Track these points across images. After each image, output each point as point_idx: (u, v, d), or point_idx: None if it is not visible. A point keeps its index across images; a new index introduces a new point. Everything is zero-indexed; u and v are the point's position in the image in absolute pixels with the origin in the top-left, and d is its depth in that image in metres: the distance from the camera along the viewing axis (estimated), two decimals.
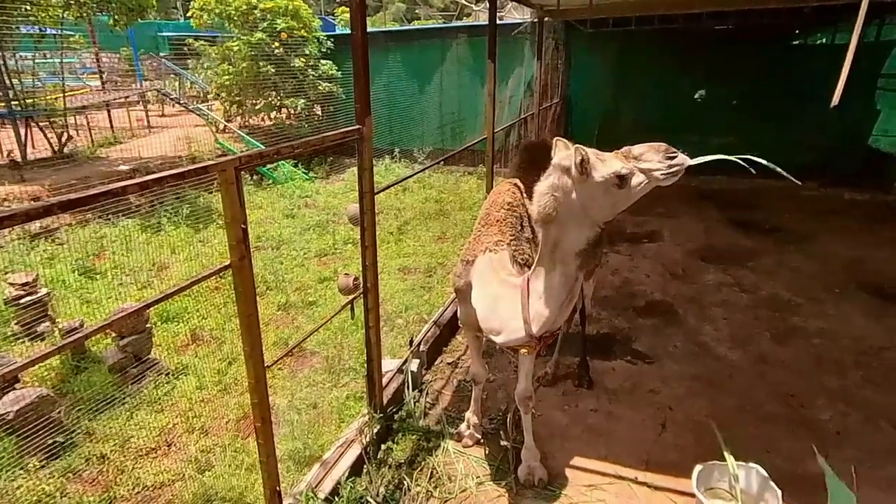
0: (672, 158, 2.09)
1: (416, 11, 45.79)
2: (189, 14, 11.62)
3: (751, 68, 9.62)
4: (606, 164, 2.11)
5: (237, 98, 11.56)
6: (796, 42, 11.29)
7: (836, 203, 8.50)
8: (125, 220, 7.06)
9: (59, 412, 3.48)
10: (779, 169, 1.95)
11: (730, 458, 2.58)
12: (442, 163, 10.65)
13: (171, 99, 13.57)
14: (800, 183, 1.93)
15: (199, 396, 3.86)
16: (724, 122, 9.99)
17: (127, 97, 13.03)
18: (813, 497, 3.00)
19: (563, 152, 2.21)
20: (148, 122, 13.50)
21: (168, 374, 4.09)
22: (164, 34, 17.25)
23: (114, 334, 4.09)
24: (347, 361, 4.30)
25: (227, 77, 10.98)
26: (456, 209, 8.37)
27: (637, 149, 2.15)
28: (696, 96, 10.45)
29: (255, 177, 10.02)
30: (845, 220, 7.59)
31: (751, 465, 2.76)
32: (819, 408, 3.72)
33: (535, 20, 8.14)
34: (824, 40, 11.34)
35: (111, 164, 9.61)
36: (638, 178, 2.12)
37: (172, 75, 16.20)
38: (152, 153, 10.06)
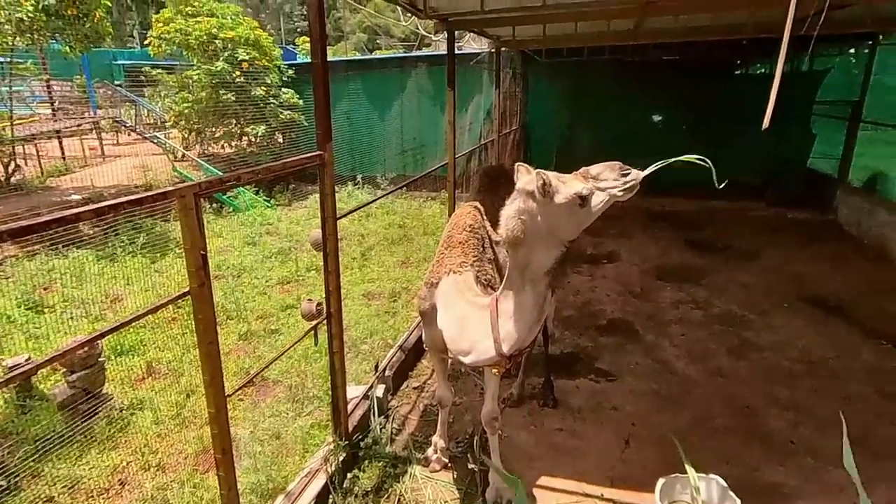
0: (626, 175, 2.17)
1: (378, 41, 46.43)
2: (147, 42, 11.47)
3: (698, 96, 10.10)
4: (568, 186, 2.18)
5: (196, 126, 11.41)
6: (738, 72, 11.96)
7: (780, 222, 8.91)
8: (77, 251, 6.79)
9: (2, 454, 3.28)
10: (713, 170, 2.05)
11: (691, 471, 2.63)
12: (405, 188, 10.72)
13: (127, 127, 13.28)
14: (719, 187, 2.03)
15: (156, 431, 3.71)
16: (675, 146, 10.37)
17: (79, 125, 12.67)
18: None
19: (526, 177, 2.27)
20: (102, 150, 13.14)
21: (122, 409, 3.91)
22: (120, 62, 16.94)
23: (63, 369, 3.90)
24: (311, 389, 4.21)
25: (186, 105, 10.83)
26: (420, 234, 8.40)
27: (594, 169, 2.23)
28: (652, 122, 10.91)
29: (214, 205, 9.84)
30: (789, 238, 7.95)
31: (711, 476, 2.81)
32: (773, 418, 3.84)
33: (493, 50, 8.37)
34: (763, 70, 12.05)
35: (62, 193, 9.28)
36: (598, 197, 2.19)
37: (128, 103, 15.88)
38: (106, 182, 9.76)
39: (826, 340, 4.93)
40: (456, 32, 5.39)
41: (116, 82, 15.77)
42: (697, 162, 2.09)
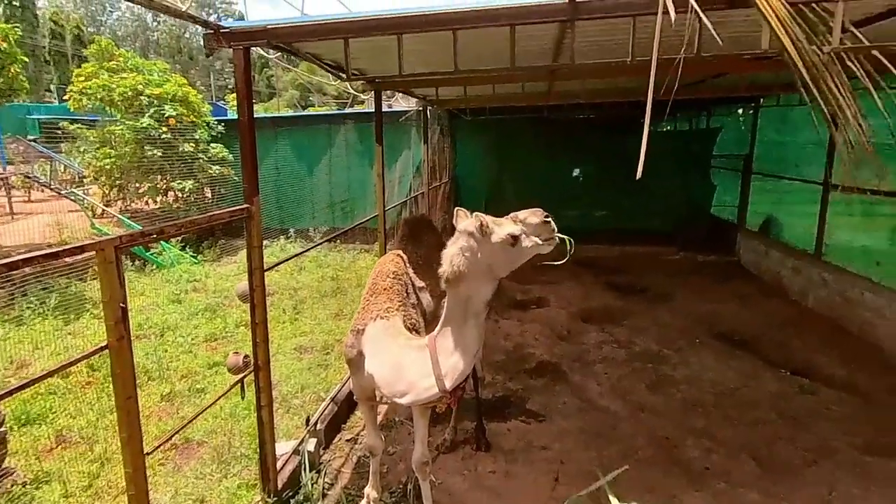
0: (547, 221, 2.48)
1: (311, 98, 46.92)
2: (67, 97, 11.10)
3: (612, 150, 10.81)
4: (502, 227, 2.44)
5: (118, 182, 10.99)
6: (652, 127, 13.01)
7: (691, 265, 9.58)
8: None
9: None
10: (571, 248, 2.48)
11: (612, 498, 2.75)
12: (337, 241, 10.72)
13: (41, 184, 12.60)
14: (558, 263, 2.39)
15: None
16: (594, 197, 11.13)
17: None
18: None
19: (465, 220, 2.51)
20: (11, 208, 12.36)
21: (25, 484, 3.59)
22: (35, 117, 16.22)
23: None
24: (239, 448, 4.04)
25: (107, 161, 10.45)
26: (353, 286, 8.37)
27: (521, 214, 2.53)
28: (574, 175, 11.59)
29: (137, 262, 9.41)
30: (699, 279, 8.55)
31: None
32: (689, 447, 4.05)
33: (421, 108, 8.74)
34: (668, 127, 13.20)
35: None
36: (527, 241, 2.46)
37: (43, 159, 15.12)
38: (16, 241, 9.17)
39: (734, 372, 5.29)
40: (383, 93, 5.64)
41: (30, 137, 15.05)
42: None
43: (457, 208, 2.66)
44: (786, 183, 8.47)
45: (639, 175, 1.85)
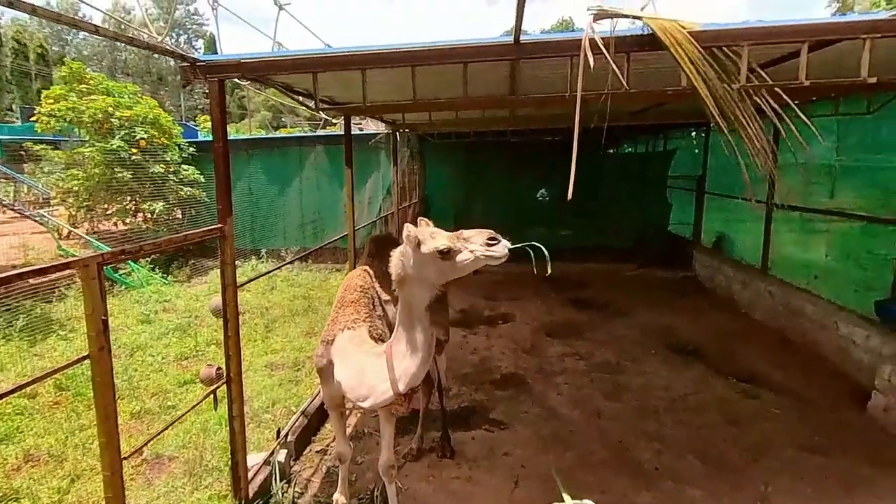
0: (493, 243, 2.56)
1: (283, 119, 46.97)
2: (34, 118, 11.03)
3: (581, 172, 11.23)
4: (433, 241, 2.57)
5: (86, 203, 10.91)
6: (611, 150, 13.55)
7: (650, 280, 9.98)
8: None
9: None
10: (548, 259, 2.48)
11: (567, 499, 2.97)
12: (308, 260, 10.84)
13: (3, 205, 12.38)
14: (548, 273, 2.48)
15: None
16: (558, 216, 11.51)
17: None
18: None
19: (405, 231, 2.68)
20: None
21: None
22: None
23: None
24: (211, 461, 4.13)
25: (75, 182, 10.40)
26: (324, 304, 8.48)
27: (467, 232, 2.64)
28: (538, 195, 11.96)
29: (105, 283, 9.34)
30: (656, 294, 8.94)
31: (585, 501, 3.15)
32: (641, 450, 4.30)
33: (390, 132, 9.01)
34: (629, 150, 13.76)
35: None
36: (464, 255, 2.57)
37: (4, 179, 14.86)
38: None
39: (686, 380, 5.60)
40: (351, 118, 5.88)
41: None
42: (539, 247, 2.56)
43: (420, 218, 2.81)
44: (735, 202, 8.97)
45: (569, 197, 2.11)
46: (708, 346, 6.52)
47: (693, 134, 10.97)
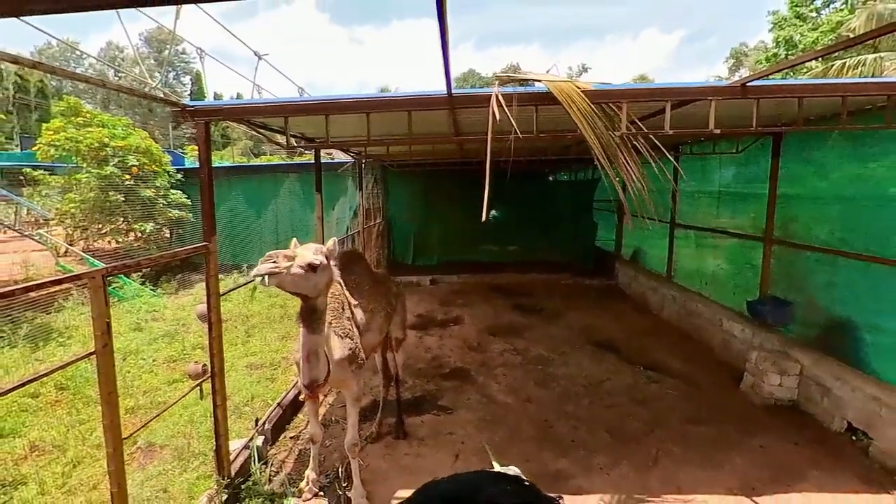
0: (266, 261, 2.69)
1: (262, 147, 46.38)
2: (35, 147, 10.79)
3: (521, 196, 11.68)
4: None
5: (82, 224, 10.72)
6: (550, 178, 14.11)
7: (580, 288, 10.45)
8: None
9: None
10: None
11: (496, 464, 3.24)
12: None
13: (5, 226, 11.99)
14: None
15: (42, 502, 3.52)
16: (505, 234, 11.93)
17: None
18: (555, 485, 3.79)
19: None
20: None
21: (3, 486, 3.65)
22: None
23: None
24: (197, 447, 4.24)
25: (72, 205, 10.22)
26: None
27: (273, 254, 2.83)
28: (488, 216, 12.30)
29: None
30: (585, 300, 9.40)
31: (510, 466, 3.43)
32: (561, 427, 4.63)
33: (354, 161, 9.25)
34: (566, 177, 14.34)
35: None
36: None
37: (4, 202, 14.36)
38: None
39: (602, 369, 5.98)
40: (321, 150, 6.11)
41: None
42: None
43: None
44: (647, 222, 9.53)
45: (484, 219, 2.42)
46: (623, 341, 6.95)
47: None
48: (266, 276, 2.59)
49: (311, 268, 2.78)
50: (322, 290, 2.95)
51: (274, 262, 2.64)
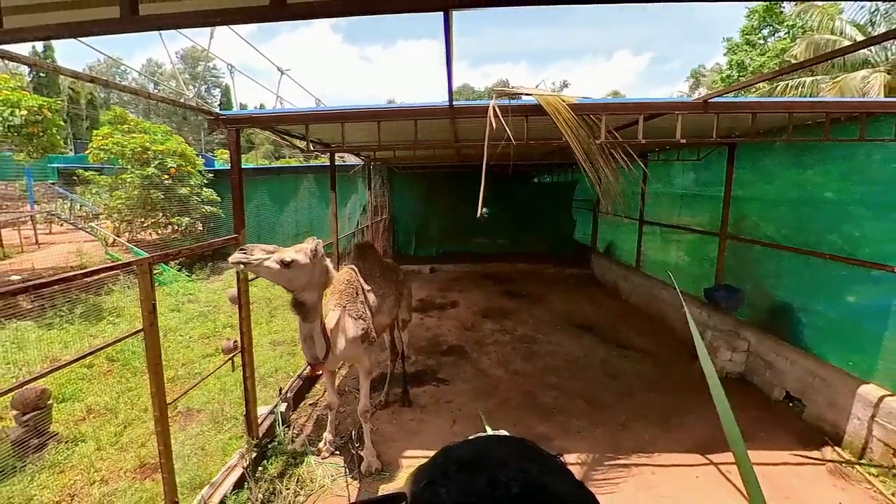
0: (240, 252, 2.59)
1: (283, 151, 46.07)
2: (87, 151, 10.72)
3: (512, 195, 11.64)
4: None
5: (126, 218, 10.68)
6: (536, 179, 14.06)
7: (562, 276, 10.46)
8: (17, 322, 6.04)
9: None
10: None
11: (487, 428, 3.27)
12: None
13: (61, 219, 11.93)
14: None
15: (98, 456, 3.54)
16: (497, 229, 11.90)
17: (19, 218, 11.18)
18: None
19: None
20: (36, 239, 11.61)
21: (67, 442, 3.67)
22: (55, 166, 15.32)
23: (16, 412, 3.60)
24: (229, 412, 4.27)
25: (119, 201, 10.19)
26: None
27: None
28: (480, 214, 12.28)
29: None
30: (565, 287, 9.42)
31: (500, 430, 3.47)
32: (544, 396, 4.66)
33: (364, 163, 9.20)
34: (549, 179, 14.29)
35: (1, 275, 8.12)
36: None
37: (61, 199, 14.29)
38: (44, 265, 8.73)
39: (580, 347, 6.02)
40: (335, 154, 6.07)
41: (50, 181, 14.19)
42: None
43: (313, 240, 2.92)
44: (619, 219, 9.56)
45: (479, 214, 2.42)
46: (598, 323, 6.99)
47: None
48: (241, 264, 2.55)
49: (284, 264, 2.66)
50: (303, 285, 2.80)
51: (244, 253, 2.57)
